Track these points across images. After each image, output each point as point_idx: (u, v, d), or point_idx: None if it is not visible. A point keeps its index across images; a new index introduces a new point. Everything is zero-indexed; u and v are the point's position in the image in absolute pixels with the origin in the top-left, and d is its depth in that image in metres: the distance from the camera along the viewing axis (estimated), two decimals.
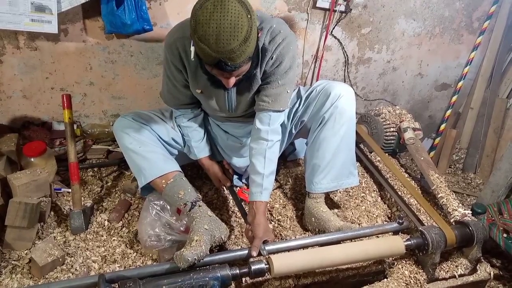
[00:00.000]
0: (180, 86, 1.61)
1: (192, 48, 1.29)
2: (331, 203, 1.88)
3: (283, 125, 1.71)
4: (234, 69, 1.28)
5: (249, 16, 1.21)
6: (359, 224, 1.78)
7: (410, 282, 1.51)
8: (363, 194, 1.96)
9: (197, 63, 1.40)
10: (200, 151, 1.78)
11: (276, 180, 2.01)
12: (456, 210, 1.70)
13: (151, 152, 1.62)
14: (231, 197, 1.89)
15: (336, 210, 1.85)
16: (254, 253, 1.43)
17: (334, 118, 1.66)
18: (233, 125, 1.82)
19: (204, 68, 1.38)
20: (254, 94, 1.58)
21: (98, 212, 1.79)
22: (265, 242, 1.48)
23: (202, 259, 1.36)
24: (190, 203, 1.53)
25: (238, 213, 1.81)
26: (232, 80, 1.36)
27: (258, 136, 1.58)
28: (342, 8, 2.29)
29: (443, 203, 1.76)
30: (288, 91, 1.56)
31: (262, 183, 1.54)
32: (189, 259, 1.31)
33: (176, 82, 1.60)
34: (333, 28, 2.38)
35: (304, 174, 1.84)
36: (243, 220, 1.75)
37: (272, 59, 1.47)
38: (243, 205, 1.81)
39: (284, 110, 1.61)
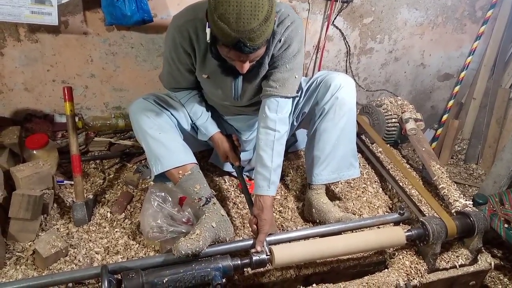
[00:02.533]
0: (184, 70, 1.57)
1: (208, 30, 1.26)
2: (332, 194, 1.89)
3: None
4: (252, 51, 1.25)
5: None
6: (360, 215, 1.78)
7: (411, 272, 1.52)
8: (364, 185, 1.96)
9: (209, 46, 1.36)
10: (208, 126, 1.72)
11: None
12: (457, 200, 1.70)
13: (171, 140, 1.58)
14: (232, 187, 1.90)
15: (337, 201, 1.85)
16: (259, 248, 1.43)
17: (334, 109, 1.65)
18: (235, 119, 1.82)
19: (215, 53, 1.35)
20: (261, 80, 1.55)
21: (100, 204, 1.80)
22: (269, 236, 1.48)
23: (198, 254, 1.36)
24: (204, 198, 1.52)
25: (239, 204, 1.82)
26: (247, 65, 1.33)
27: (265, 125, 1.54)
28: None
29: (445, 193, 1.76)
30: (296, 76, 1.53)
31: (269, 177, 1.51)
32: (183, 251, 1.32)
33: (180, 65, 1.55)
34: (335, 18, 2.37)
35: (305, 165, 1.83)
36: (248, 209, 1.74)
37: (280, 42, 1.44)
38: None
39: (291, 97, 1.57)
